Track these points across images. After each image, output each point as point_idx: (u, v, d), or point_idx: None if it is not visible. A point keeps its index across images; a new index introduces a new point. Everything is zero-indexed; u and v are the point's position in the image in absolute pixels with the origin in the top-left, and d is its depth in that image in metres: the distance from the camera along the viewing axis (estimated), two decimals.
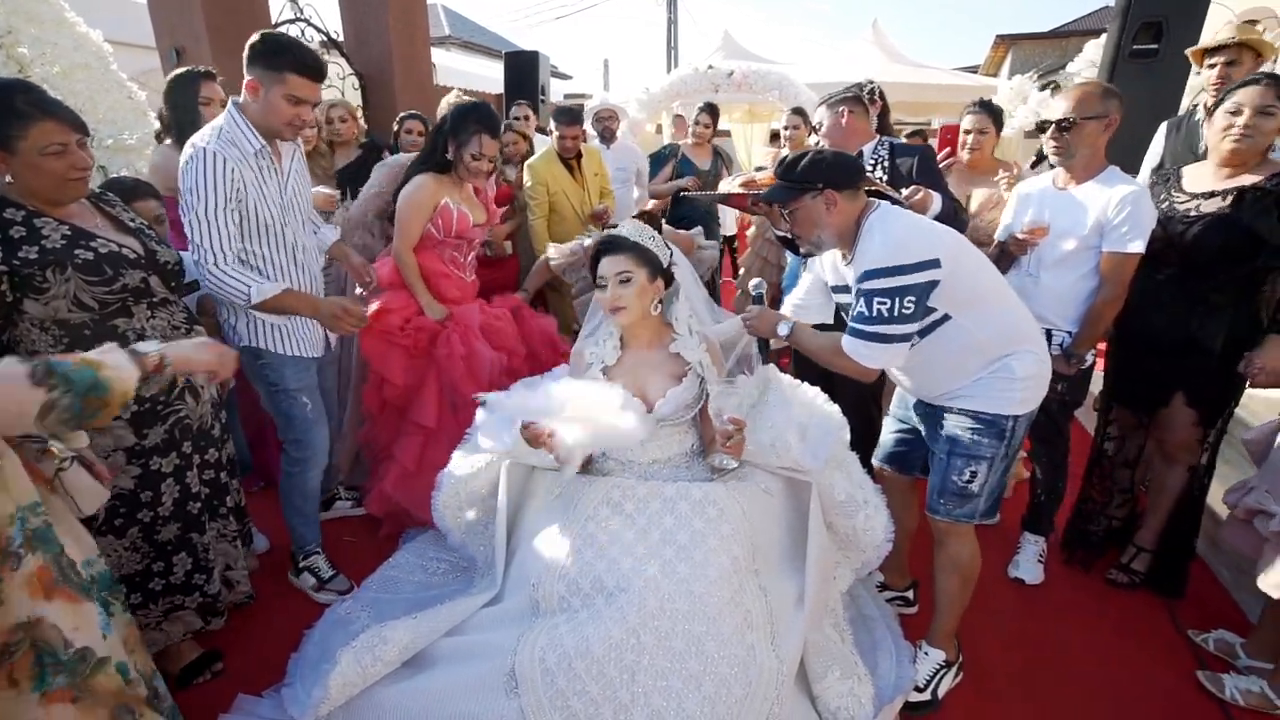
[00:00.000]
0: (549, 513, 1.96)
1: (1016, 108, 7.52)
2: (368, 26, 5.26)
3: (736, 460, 1.91)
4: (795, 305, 2.21)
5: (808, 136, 4.37)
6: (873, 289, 1.69)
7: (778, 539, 1.94)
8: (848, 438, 1.99)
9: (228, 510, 2.10)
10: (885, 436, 2.24)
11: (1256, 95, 2.00)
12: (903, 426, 2.17)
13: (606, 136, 4.71)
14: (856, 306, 1.74)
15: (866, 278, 1.70)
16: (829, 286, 2.03)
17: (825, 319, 2.15)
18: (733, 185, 2.38)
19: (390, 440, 2.71)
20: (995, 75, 16.83)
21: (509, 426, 1.96)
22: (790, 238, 1.96)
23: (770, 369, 2.20)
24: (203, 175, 1.90)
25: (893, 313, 1.67)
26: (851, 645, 2.00)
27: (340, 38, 5.39)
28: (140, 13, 5.23)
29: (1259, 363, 2.01)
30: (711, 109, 4.73)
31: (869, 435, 2.31)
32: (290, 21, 4.95)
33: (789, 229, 1.90)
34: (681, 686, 1.55)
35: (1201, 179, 2.18)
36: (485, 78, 11.33)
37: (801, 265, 2.62)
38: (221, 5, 4.68)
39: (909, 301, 1.66)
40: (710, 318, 2.29)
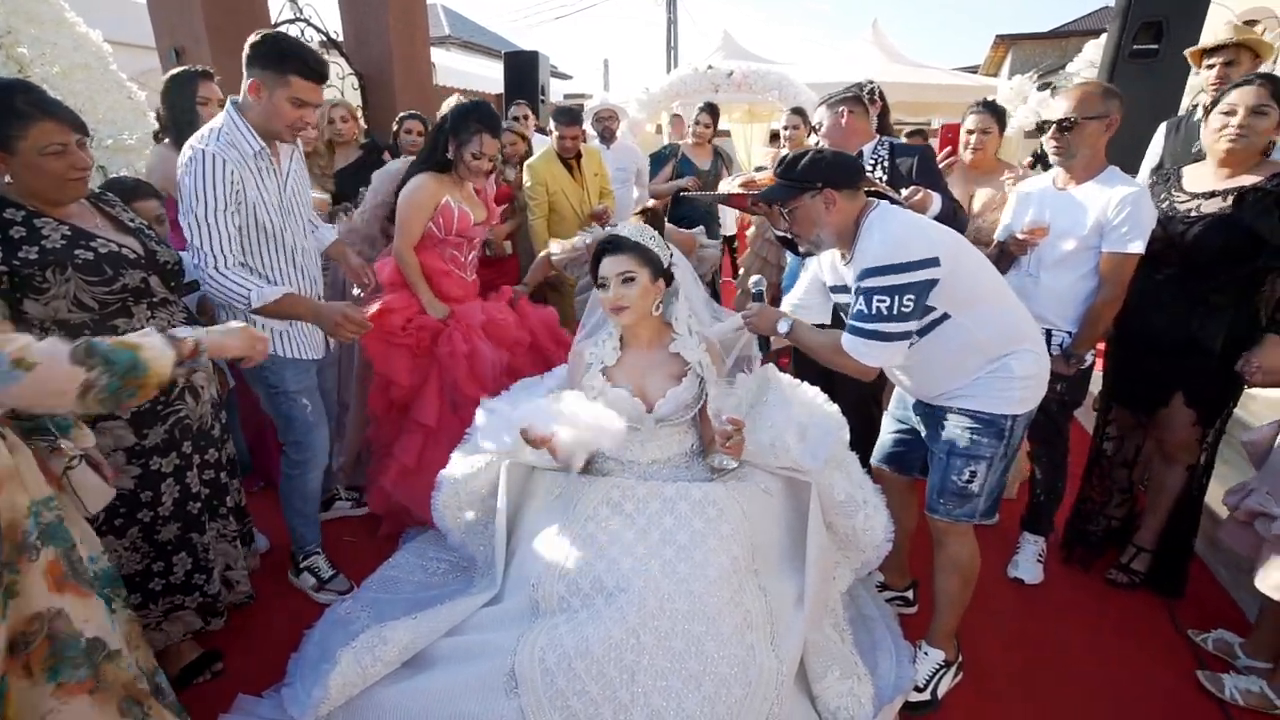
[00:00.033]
0: (549, 513, 1.96)
1: (1016, 108, 7.52)
2: (367, 26, 5.26)
3: (736, 460, 1.91)
4: (794, 305, 2.21)
5: (807, 136, 4.37)
6: (872, 287, 1.69)
7: (777, 539, 1.94)
8: (847, 438, 1.99)
9: (228, 510, 2.10)
10: (884, 437, 2.24)
11: (1250, 95, 2.01)
12: (901, 427, 2.17)
13: (606, 136, 4.71)
14: (856, 305, 1.74)
15: (866, 275, 1.70)
16: (827, 286, 2.03)
17: (823, 319, 2.16)
18: (732, 185, 2.37)
19: (393, 439, 2.71)
20: (995, 75, 16.84)
21: (509, 427, 1.96)
22: (789, 237, 1.96)
23: (770, 369, 2.20)
24: (201, 177, 1.88)
25: (892, 311, 1.68)
26: (851, 645, 2.00)
27: (340, 38, 5.39)
28: (140, 13, 5.23)
29: (1256, 362, 2.01)
30: (711, 109, 4.73)
31: (869, 435, 2.31)
32: (290, 21, 4.95)
33: (788, 228, 1.90)
34: (681, 686, 1.55)
35: (1202, 179, 2.18)
36: (485, 78, 11.35)
37: (801, 265, 2.62)
38: (221, 5, 4.68)
39: (908, 300, 1.67)
40: (710, 317, 2.29)
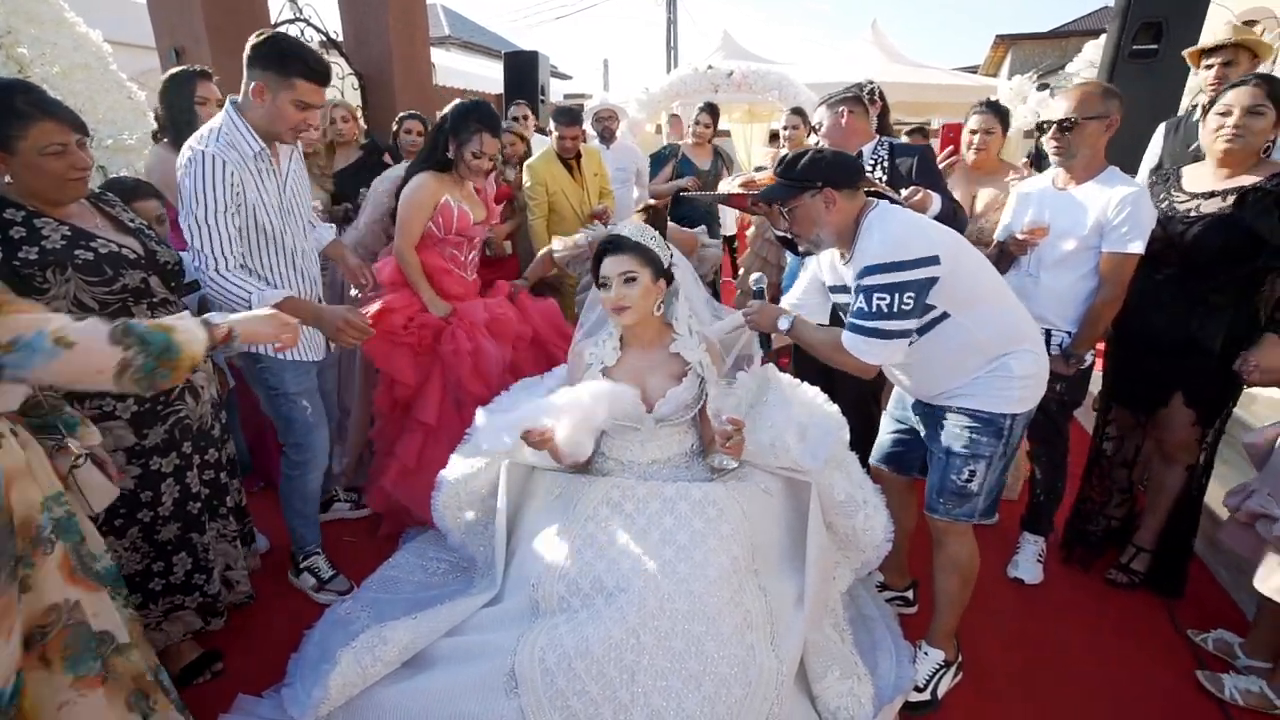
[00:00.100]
0: (549, 513, 1.96)
1: (1016, 108, 7.53)
2: (367, 26, 5.26)
3: (736, 460, 1.91)
4: (792, 305, 2.20)
5: (807, 136, 4.37)
6: (872, 284, 1.69)
7: (777, 539, 1.94)
8: (847, 438, 1.99)
9: (228, 510, 2.11)
10: (883, 437, 2.25)
11: (1246, 96, 2.01)
12: (900, 427, 2.17)
13: (606, 136, 4.72)
14: (856, 302, 1.74)
15: (866, 273, 1.71)
16: (826, 286, 2.03)
17: (822, 319, 2.16)
18: (732, 185, 2.37)
19: (396, 438, 2.71)
20: (995, 75, 16.84)
21: (509, 427, 1.96)
22: (789, 237, 1.96)
23: (770, 368, 2.20)
24: (201, 179, 1.87)
25: (892, 308, 1.68)
26: (851, 645, 2.00)
27: (340, 38, 5.39)
28: (140, 13, 5.23)
29: (1254, 361, 2.01)
30: (711, 109, 4.73)
31: (869, 435, 2.31)
32: (290, 21, 4.94)
33: (788, 228, 1.90)
34: (681, 686, 1.55)
35: (1201, 179, 2.18)
36: (485, 78, 11.34)
37: (800, 265, 2.62)
38: (221, 5, 4.68)
39: (908, 297, 1.67)
40: (710, 316, 2.29)
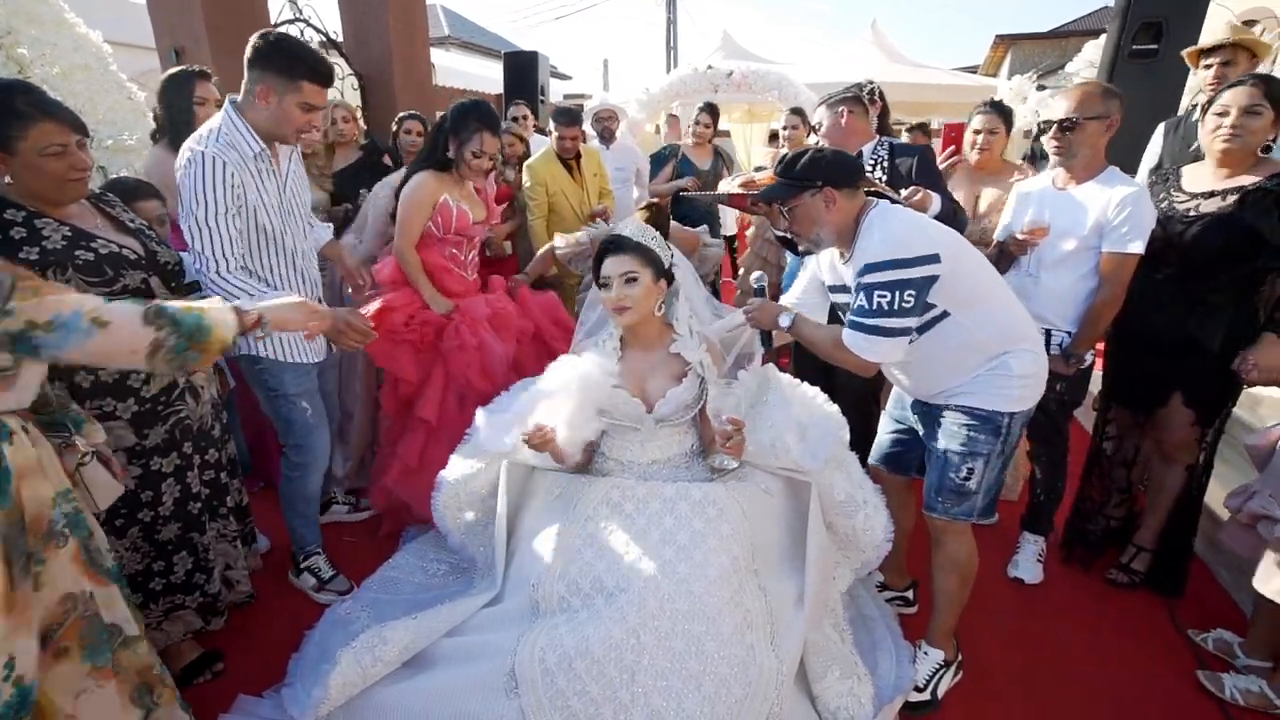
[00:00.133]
0: (549, 513, 1.96)
1: (1016, 108, 7.52)
2: (367, 27, 5.26)
3: (736, 460, 1.91)
4: (791, 304, 2.20)
5: (806, 136, 4.38)
6: (873, 282, 1.69)
7: (777, 539, 1.94)
8: (847, 437, 1.99)
9: (228, 510, 2.11)
10: (881, 437, 2.25)
11: (1243, 96, 2.02)
12: (899, 427, 2.17)
13: (606, 137, 4.71)
14: (857, 300, 1.74)
15: (867, 271, 1.71)
16: (826, 286, 2.04)
17: (820, 319, 2.15)
18: (732, 185, 2.37)
19: (400, 436, 2.70)
20: (995, 75, 16.85)
21: (509, 427, 1.96)
22: (789, 237, 1.96)
23: (770, 368, 2.20)
24: (201, 180, 1.86)
25: (893, 306, 1.68)
26: (851, 645, 2.00)
27: (339, 38, 5.39)
28: (140, 13, 5.23)
29: (1253, 360, 2.01)
30: (711, 109, 4.73)
31: (869, 435, 2.31)
32: (290, 22, 4.94)
33: (788, 227, 1.90)
34: (681, 686, 1.55)
35: (1201, 179, 2.18)
36: (485, 78, 11.35)
37: (800, 265, 2.62)
38: (221, 5, 4.68)
39: (909, 295, 1.67)
40: (711, 315, 2.29)
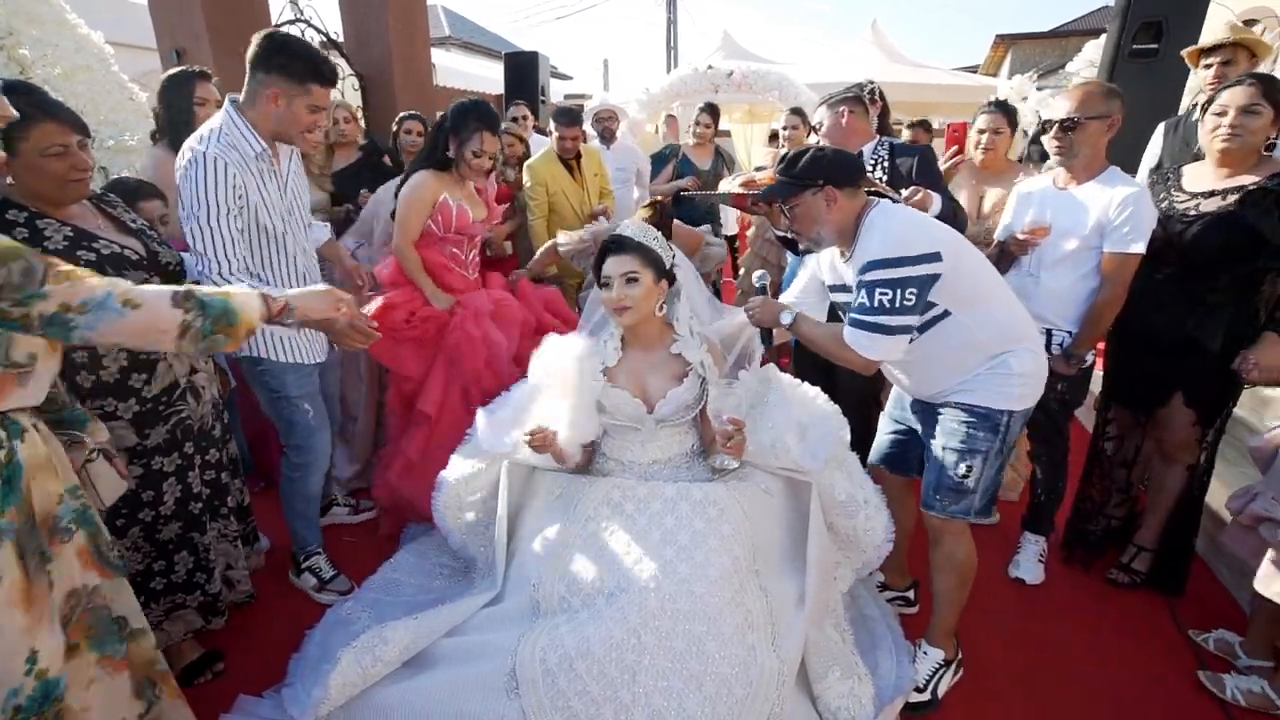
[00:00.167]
0: (549, 513, 1.96)
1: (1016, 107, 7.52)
2: (368, 27, 5.27)
3: (737, 461, 1.91)
4: (789, 303, 2.21)
5: (806, 136, 4.37)
6: (875, 280, 1.70)
7: (778, 539, 1.94)
8: (848, 437, 1.99)
9: (228, 510, 2.11)
10: (880, 437, 2.25)
11: (1241, 95, 2.02)
12: (898, 427, 2.17)
13: (606, 137, 4.72)
14: (858, 297, 1.75)
15: (869, 268, 1.71)
16: (825, 286, 2.04)
17: (818, 319, 2.15)
18: (733, 185, 2.38)
19: (403, 432, 2.70)
20: (995, 75, 16.84)
21: (508, 427, 1.96)
22: (789, 237, 1.96)
23: (770, 368, 2.20)
24: (203, 181, 1.85)
25: (894, 304, 1.68)
26: (852, 645, 2.00)
27: (340, 38, 5.39)
28: (141, 14, 5.23)
29: (1253, 359, 2.00)
30: (712, 109, 4.74)
31: (869, 435, 2.31)
32: (290, 22, 4.95)
33: (789, 225, 1.90)
34: (682, 686, 1.55)
35: (1201, 178, 2.18)
36: (485, 78, 11.35)
37: (800, 265, 2.62)
38: (221, 6, 4.68)
39: (910, 293, 1.67)
40: (712, 315, 2.29)
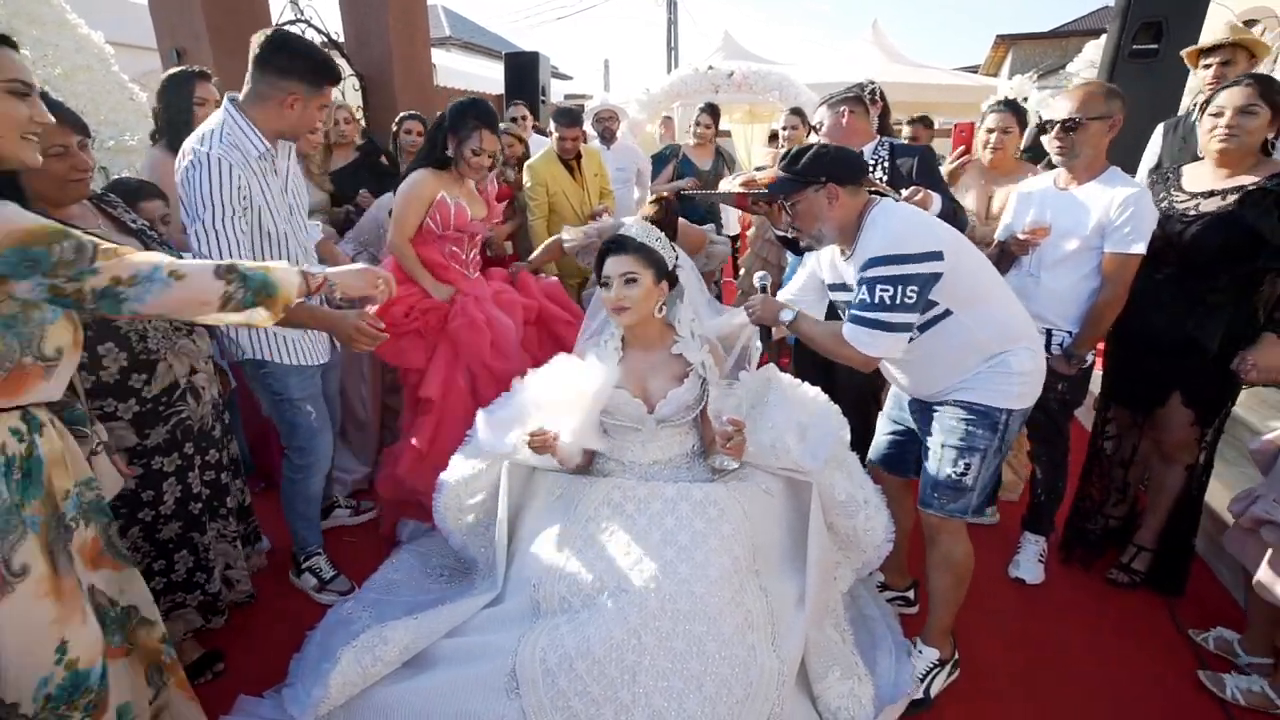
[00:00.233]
0: (550, 514, 1.96)
1: None
2: (368, 27, 5.27)
3: (737, 461, 1.91)
4: (787, 301, 2.20)
5: (806, 136, 4.37)
6: (876, 276, 1.70)
7: (778, 539, 1.94)
8: (848, 437, 1.99)
9: (228, 510, 2.11)
10: (879, 438, 2.25)
11: (1238, 96, 2.02)
12: (897, 427, 2.17)
13: (607, 137, 4.72)
14: (859, 295, 1.75)
15: (870, 265, 1.71)
16: (825, 284, 2.04)
17: (817, 317, 2.15)
18: (733, 185, 2.38)
19: (411, 425, 2.68)
20: (995, 75, 16.84)
21: (509, 428, 1.96)
22: (790, 237, 1.96)
23: (770, 369, 2.20)
24: (207, 182, 1.84)
25: (895, 301, 1.68)
26: (852, 645, 2.00)
27: (340, 38, 5.39)
28: (141, 14, 5.23)
29: (1252, 359, 2.01)
30: (712, 110, 4.74)
31: (868, 435, 2.31)
32: (291, 22, 4.95)
33: (790, 222, 1.90)
34: (683, 687, 1.55)
35: (1201, 178, 2.18)
36: (485, 78, 11.35)
37: (800, 265, 2.62)
38: (221, 6, 4.68)
39: (911, 291, 1.67)
40: (711, 316, 2.29)
